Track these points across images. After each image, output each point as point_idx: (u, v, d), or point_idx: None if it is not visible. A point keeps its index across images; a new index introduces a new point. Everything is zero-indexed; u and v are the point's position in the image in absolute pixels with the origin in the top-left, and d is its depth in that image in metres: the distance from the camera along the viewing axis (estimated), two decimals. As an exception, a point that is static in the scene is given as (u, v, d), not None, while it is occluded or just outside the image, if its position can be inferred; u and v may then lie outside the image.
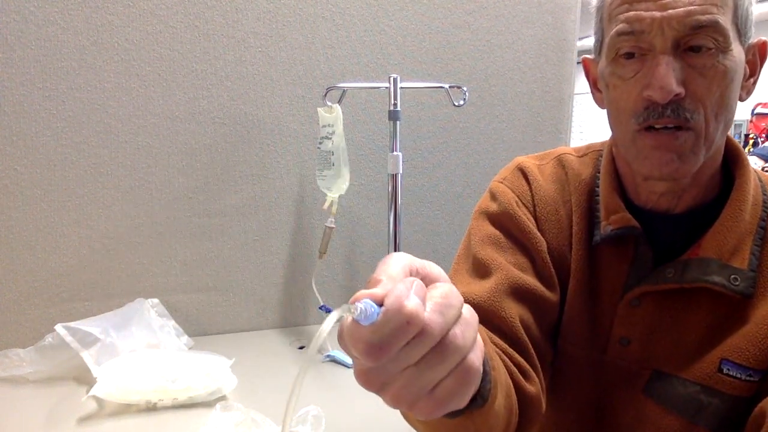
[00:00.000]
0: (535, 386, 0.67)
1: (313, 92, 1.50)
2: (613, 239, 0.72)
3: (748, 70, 0.68)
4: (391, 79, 1.33)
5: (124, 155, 1.37)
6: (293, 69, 1.48)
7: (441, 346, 0.37)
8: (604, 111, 0.73)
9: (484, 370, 0.49)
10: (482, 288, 0.70)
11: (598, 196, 0.75)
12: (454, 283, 0.42)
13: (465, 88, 1.45)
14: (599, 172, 0.77)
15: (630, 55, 0.65)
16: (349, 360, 1.30)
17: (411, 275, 0.40)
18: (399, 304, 0.35)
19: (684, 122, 0.63)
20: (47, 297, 1.35)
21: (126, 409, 1.06)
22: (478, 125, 1.68)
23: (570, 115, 1.80)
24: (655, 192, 0.71)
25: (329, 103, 1.33)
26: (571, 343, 0.75)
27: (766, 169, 4.97)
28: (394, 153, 1.34)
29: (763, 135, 7.99)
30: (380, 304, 0.36)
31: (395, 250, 1.36)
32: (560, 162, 0.81)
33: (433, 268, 0.41)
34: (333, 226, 1.37)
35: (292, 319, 1.57)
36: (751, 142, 8.04)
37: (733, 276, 0.66)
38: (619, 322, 0.72)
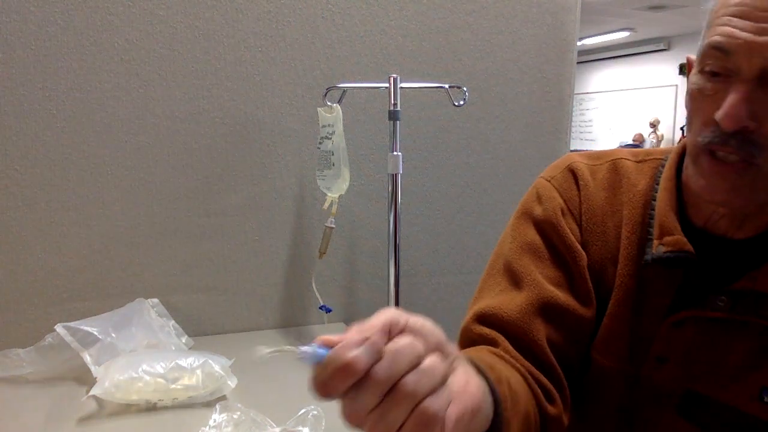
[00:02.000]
0: (557, 408, 0.67)
1: (313, 92, 1.50)
2: (667, 263, 0.68)
3: None
4: (391, 79, 1.33)
5: (124, 155, 1.37)
6: (293, 69, 1.49)
7: (392, 392, 0.40)
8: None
9: (496, 411, 0.51)
10: (513, 304, 0.70)
11: (653, 210, 0.72)
12: (486, 286, 0.42)
13: (465, 88, 1.45)
14: (657, 184, 0.73)
15: (715, 74, 0.62)
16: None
17: (390, 327, 0.42)
18: (339, 352, 0.40)
19: (748, 157, 0.59)
20: (47, 297, 1.35)
21: (126, 409, 1.05)
22: (478, 125, 1.68)
23: (570, 115, 1.80)
24: (717, 212, 0.68)
25: (329, 103, 1.33)
26: (605, 356, 0.72)
27: (766, 169, 4.95)
28: (394, 153, 1.34)
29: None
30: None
31: (395, 250, 1.36)
32: (615, 167, 0.77)
33: (415, 324, 0.43)
34: (333, 226, 1.37)
35: (292, 319, 1.57)
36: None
37: None
38: (659, 342, 0.69)
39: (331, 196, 1.34)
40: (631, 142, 9.08)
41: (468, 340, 0.71)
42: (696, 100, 0.64)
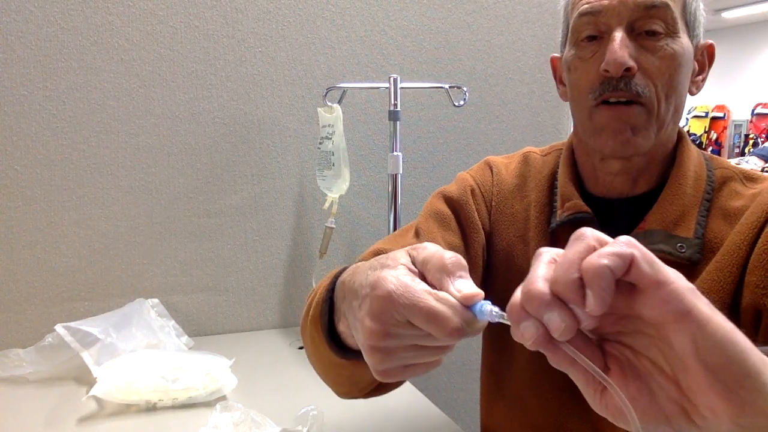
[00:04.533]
0: None
1: (313, 92, 1.50)
2: (570, 226, 0.76)
3: (697, 67, 0.75)
4: (391, 79, 1.33)
5: (124, 155, 1.37)
6: (293, 69, 1.49)
7: None
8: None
9: None
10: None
11: (556, 188, 0.81)
12: (391, 235, 0.57)
13: (465, 89, 1.45)
14: (558, 168, 0.83)
15: (590, 39, 0.71)
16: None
17: None
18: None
19: (636, 96, 0.68)
20: (47, 297, 1.35)
21: (126, 409, 1.06)
22: (478, 125, 1.68)
23: (570, 116, 1.80)
24: (611, 173, 0.75)
25: (329, 103, 1.33)
26: None
27: (766, 169, 4.96)
28: (394, 153, 1.34)
29: (763, 135, 7.99)
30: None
31: (395, 250, 1.36)
32: (525, 159, 0.88)
33: None
34: (333, 226, 1.37)
35: (292, 319, 1.57)
36: (751, 142, 8.04)
37: (679, 244, 0.70)
38: None
39: (331, 196, 1.34)
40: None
41: None
42: (577, 69, 0.73)
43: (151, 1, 1.35)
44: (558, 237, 0.79)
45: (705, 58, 0.76)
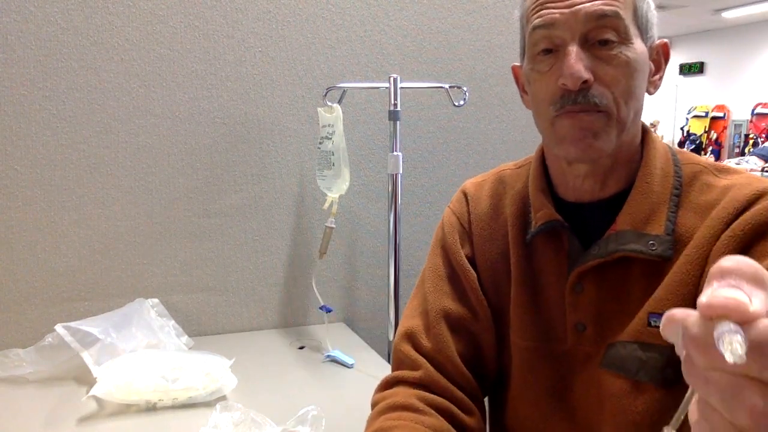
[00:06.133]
0: (475, 418, 0.77)
1: (313, 92, 1.50)
2: (545, 235, 0.78)
3: (653, 68, 0.76)
4: (391, 79, 1.33)
5: (124, 155, 1.37)
6: (293, 69, 1.49)
7: None
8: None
9: None
10: (428, 326, 0.81)
11: (530, 199, 0.82)
12: (411, 305, 0.59)
13: (465, 88, 1.45)
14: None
15: (546, 52, 0.72)
16: (349, 360, 1.30)
17: None
18: None
19: (594, 107, 0.69)
20: (47, 297, 1.35)
21: (126, 409, 1.06)
22: (478, 125, 1.68)
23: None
24: (579, 176, 0.76)
25: (329, 103, 1.33)
26: (524, 338, 0.79)
27: (766, 169, 4.96)
28: (394, 153, 1.34)
29: (763, 135, 8.00)
30: None
31: (395, 250, 1.36)
32: (499, 178, 0.89)
33: None
34: (333, 226, 1.37)
35: (292, 319, 1.57)
36: (751, 142, 8.05)
37: (650, 242, 0.70)
38: (570, 310, 0.76)
39: (331, 196, 1.34)
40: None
41: (397, 360, 0.84)
42: (537, 82, 0.74)
43: (151, 1, 1.35)
44: (534, 247, 0.80)
45: (660, 56, 0.77)
